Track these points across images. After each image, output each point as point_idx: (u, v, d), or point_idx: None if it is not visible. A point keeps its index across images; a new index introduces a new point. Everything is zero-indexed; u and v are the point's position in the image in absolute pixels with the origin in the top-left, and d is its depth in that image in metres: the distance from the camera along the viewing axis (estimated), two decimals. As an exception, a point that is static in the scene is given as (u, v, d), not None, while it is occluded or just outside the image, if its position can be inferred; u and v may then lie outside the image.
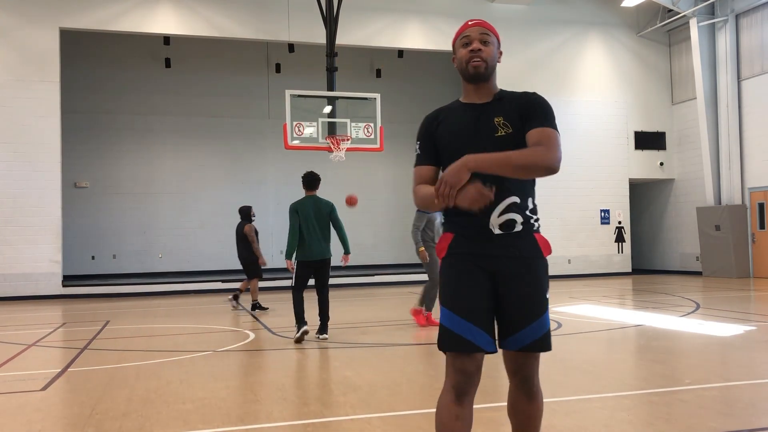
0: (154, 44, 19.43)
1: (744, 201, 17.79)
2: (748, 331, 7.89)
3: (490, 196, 2.44)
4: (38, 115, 15.73)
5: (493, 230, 2.61)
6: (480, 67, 2.68)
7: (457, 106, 2.80)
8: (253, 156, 21.43)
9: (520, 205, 2.65)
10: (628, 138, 20.05)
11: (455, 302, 2.60)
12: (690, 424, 4.06)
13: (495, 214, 2.61)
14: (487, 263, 2.62)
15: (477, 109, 2.72)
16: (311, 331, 8.05)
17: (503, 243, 2.62)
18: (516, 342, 2.64)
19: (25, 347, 7.86)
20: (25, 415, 4.63)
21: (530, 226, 2.67)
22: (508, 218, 2.62)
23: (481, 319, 2.57)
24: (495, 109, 2.70)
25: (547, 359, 6.57)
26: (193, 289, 16.72)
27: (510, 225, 2.62)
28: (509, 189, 2.62)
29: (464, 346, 2.54)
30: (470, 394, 2.58)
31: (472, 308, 2.57)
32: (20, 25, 15.82)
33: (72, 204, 18.87)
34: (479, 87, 2.74)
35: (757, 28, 17.51)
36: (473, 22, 2.80)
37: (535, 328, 2.63)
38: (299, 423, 4.28)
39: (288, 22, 17.23)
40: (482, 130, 2.66)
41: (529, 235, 2.67)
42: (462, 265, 2.64)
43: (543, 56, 19.41)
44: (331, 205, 8.18)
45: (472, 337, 2.54)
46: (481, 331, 2.55)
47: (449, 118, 2.76)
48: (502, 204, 2.61)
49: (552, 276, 14.42)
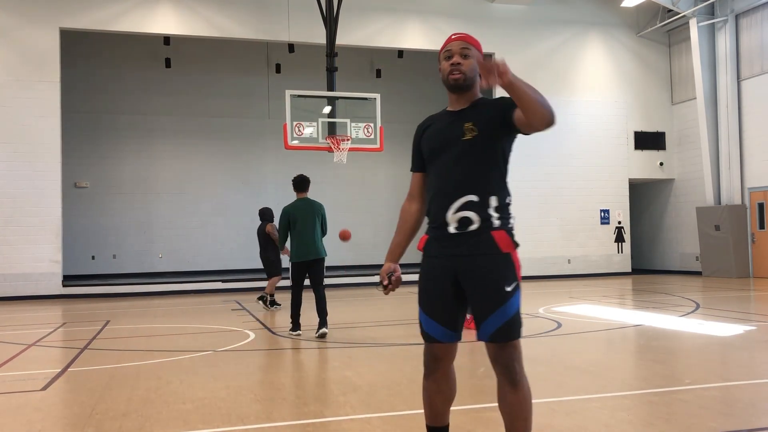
0: (154, 44, 19.43)
1: (744, 201, 17.79)
2: (748, 331, 7.90)
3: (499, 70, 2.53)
4: (38, 115, 15.73)
5: (449, 229, 2.87)
6: (459, 80, 2.94)
7: (442, 114, 3.08)
8: (253, 156, 21.43)
9: (478, 203, 2.85)
10: (627, 138, 20.05)
11: (421, 300, 3.02)
12: (690, 424, 4.07)
13: (450, 211, 2.87)
14: (448, 263, 2.90)
15: (453, 116, 2.99)
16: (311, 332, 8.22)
17: (459, 242, 2.87)
18: (483, 332, 2.86)
19: (25, 347, 7.86)
20: (25, 415, 4.63)
21: (488, 225, 2.85)
22: (463, 216, 2.85)
23: (440, 315, 2.94)
24: (467, 115, 2.94)
25: (548, 359, 6.59)
26: (193, 289, 16.72)
27: (465, 223, 2.85)
28: (467, 187, 2.86)
29: (425, 338, 3.03)
30: (437, 373, 3.03)
31: (432, 306, 2.96)
32: (20, 25, 15.82)
33: (72, 204, 18.86)
34: (460, 96, 2.99)
35: (757, 28, 17.51)
36: (456, 36, 3.01)
37: (497, 317, 2.81)
38: (299, 423, 4.28)
39: (288, 22, 17.23)
40: (452, 135, 2.93)
41: (486, 233, 2.85)
42: (428, 266, 2.99)
43: (543, 56, 19.41)
44: (322, 207, 8.52)
45: (431, 331, 2.97)
46: (439, 325, 2.94)
47: (432, 125, 3.07)
48: (458, 202, 2.86)
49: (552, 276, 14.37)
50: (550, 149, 19.21)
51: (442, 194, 2.91)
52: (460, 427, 3.99)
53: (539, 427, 4.08)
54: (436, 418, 3.12)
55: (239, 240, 21.02)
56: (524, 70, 19.10)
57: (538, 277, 18.60)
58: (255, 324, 9.69)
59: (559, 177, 19.19)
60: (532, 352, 7.15)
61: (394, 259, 3.16)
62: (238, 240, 21.02)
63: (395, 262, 3.14)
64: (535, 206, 18.94)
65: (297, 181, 8.59)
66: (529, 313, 10.01)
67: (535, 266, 18.78)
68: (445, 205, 2.88)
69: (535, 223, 18.81)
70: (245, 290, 16.66)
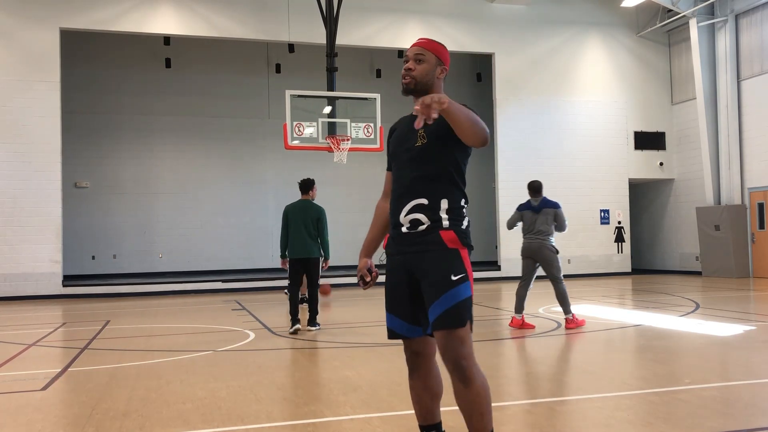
0: (154, 44, 19.44)
1: (744, 201, 17.79)
2: (748, 331, 7.90)
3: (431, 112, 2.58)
4: (38, 115, 15.73)
5: (402, 229, 3.02)
6: (409, 84, 3.04)
7: (408, 117, 3.17)
8: (253, 156, 21.43)
9: (428, 206, 2.97)
10: (627, 138, 20.05)
11: (386, 299, 3.15)
12: (690, 424, 4.07)
13: (402, 214, 3.02)
14: (403, 260, 3.03)
15: (412, 120, 3.05)
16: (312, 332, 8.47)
17: (410, 240, 3.00)
18: (430, 322, 2.92)
19: (25, 347, 7.86)
20: (25, 415, 4.64)
21: (437, 225, 2.97)
22: (413, 218, 2.99)
23: (399, 310, 3.07)
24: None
25: (548, 359, 6.59)
26: (193, 289, 16.72)
27: (415, 224, 2.99)
28: (416, 191, 3.00)
29: (388, 334, 3.15)
30: (421, 369, 3.11)
31: (392, 301, 3.10)
32: (20, 25, 15.82)
33: (72, 204, 18.86)
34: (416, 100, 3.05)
35: (757, 28, 17.52)
36: (416, 42, 3.11)
37: (441, 303, 2.86)
38: (299, 423, 4.28)
39: (288, 22, 17.23)
40: (407, 141, 3.07)
41: (434, 233, 2.97)
42: (389, 264, 3.13)
43: (543, 56, 19.40)
44: (319, 211, 8.79)
45: (393, 326, 3.10)
46: (399, 320, 3.07)
47: (398, 129, 3.22)
48: (409, 205, 3.00)
49: (552, 276, 13.94)
50: (549, 149, 19.21)
51: (396, 196, 3.08)
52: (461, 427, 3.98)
53: (539, 427, 4.08)
54: (426, 416, 3.16)
55: (239, 240, 21.04)
56: (524, 70, 19.12)
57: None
58: (255, 324, 9.69)
59: (558, 177, 19.17)
60: (532, 352, 7.16)
61: (368, 254, 3.31)
62: (238, 240, 21.03)
63: (369, 258, 3.30)
64: (535, 206, 18.94)
65: (299, 184, 9.12)
66: (529, 313, 10.01)
67: (535, 266, 18.77)
68: (399, 207, 3.04)
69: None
70: (245, 290, 16.67)
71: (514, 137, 18.88)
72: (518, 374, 5.66)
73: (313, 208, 8.75)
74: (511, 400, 4.70)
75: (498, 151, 18.85)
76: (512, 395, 4.87)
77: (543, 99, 19.16)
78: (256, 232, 21.24)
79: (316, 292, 8.77)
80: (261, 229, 21.30)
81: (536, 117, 19.09)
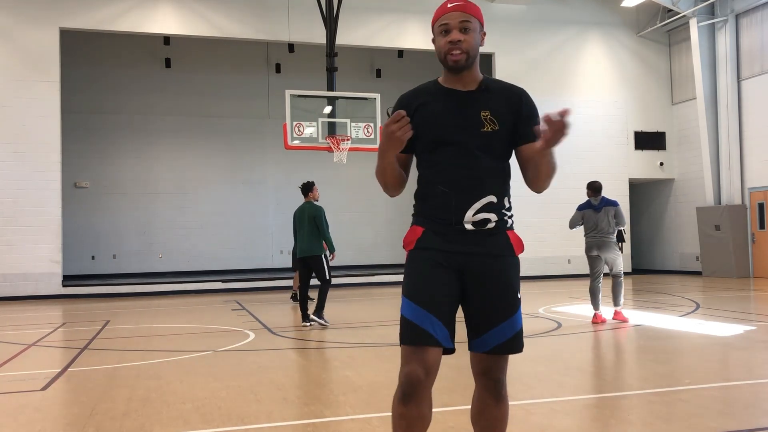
0: (154, 44, 19.44)
1: (744, 201, 17.79)
2: (748, 331, 7.89)
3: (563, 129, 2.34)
4: (38, 115, 15.73)
5: (466, 226, 2.52)
6: (460, 61, 2.53)
7: (439, 90, 2.63)
8: (253, 156, 21.43)
9: (497, 204, 2.56)
10: (627, 138, 20.05)
11: (417, 292, 2.48)
12: (690, 424, 4.06)
13: (471, 212, 2.52)
14: (455, 260, 2.51)
15: (462, 98, 2.58)
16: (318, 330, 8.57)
17: (474, 240, 2.53)
18: (484, 344, 2.53)
19: (25, 347, 7.86)
20: (25, 415, 4.63)
21: (504, 224, 2.58)
22: (483, 217, 2.53)
23: (442, 312, 2.45)
24: (481, 101, 2.58)
25: (548, 359, 6.59)
26: (193, 289, 16.72)
27: (483, 224, 2.53)
28: (488, 188, 2.54)
29: (424, 338, 2.41)
30: (418, 395, 2.41)
31: (434, 300, 2.45)
32: (20, 25, 15.82)
33: (72, 204, 18.86)
34: (461, 76, 2.59)
35: (757, 28, 17.51)
36: (453, 5, 2.56)
37: (504, 329, 2.52)
38: (299, 423, 4.27)
39: (288, 22, 17.22)
40: (468, 122, 2.55)
41: (502, 233, 2.58)
42: (428, 257, 2.52)
43: (543, 56, 19.40)
44: (316, 211, 9.15)
45: (432, 330, 2.42)
46: (441, 324, 2.43)
47: (431, 103, 2.60)
48: (479, 203, 2.52)
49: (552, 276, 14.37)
50: (550, 149, 19.19)
51: (459, 190, 2.52)
52: (461, 428, 3.98)
53: (539, 427, 4.08)
54: None
55: (239, 240, 21.03)
56: (524, 70, 19.11)
57: (538, 277, 18.59)
58: (255, 324, 9.69)
59: (559, 177, 18.91)
60: (532, 352, 7.14)
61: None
62: (238, 240, 21.03)
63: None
64: (536, 206, 18.92)
65: (300, 188, 9.62)
66: (529, 313, 10.01)
67: (535, 266, 18.78)
68: (465, 204, 2.52)
69: (536, 223, 18.80)
70: (245, 290, 16.66)
71: (514, 137, 18.85)
72: (518, 374, 5.66)
73: (311, 208, 9.19)
74: (511, 400, 4.67)
75: (498, 151, 18.83)
76: (513, 395, 4.86)
77: (543, 99, 19.03)
78: (256, 232, 21.23)
79: (325, 287, 9.10)
80: (261, 229, 21.30)
81: (536, 117, 19.04)
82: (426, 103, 2.61)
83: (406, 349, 2.46)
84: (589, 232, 8.99)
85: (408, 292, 2.51)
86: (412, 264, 2.57)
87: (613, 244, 8.92)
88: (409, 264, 2.59)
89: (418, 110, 2.59)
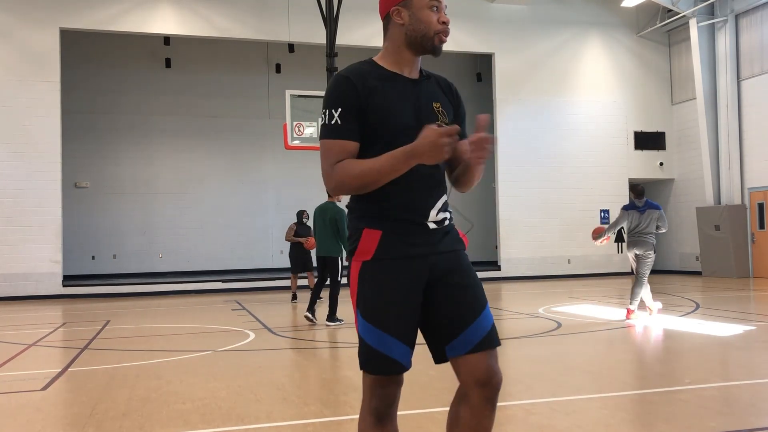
0: (154, 44, 19.43)
1: (744, 201, 17.79)
2: (748, 331, 7.90)
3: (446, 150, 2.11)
4: (38, 115, 15.73)
5: (429, 225, 2.34)
6: (443, 43, 2.38)
7: (385, 75, 2.35)
8: (253, 156, 21.42)
9: (447, 202, 2.42)
10: (627, 138, 20.05)
11: (379, 315, 2.27)
12: (690, 424, 4.06)
13: (434, 212, 2.34)
14: (418, 265, 2.31)
15: (412, 86, 2.37)
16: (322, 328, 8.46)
17: (436, 238, 2.35)
18: (467, 342, 2.29)
19: (25, 347, 7.86)
20: (25, 415, 4.63)
21: (452, 222, 2.45)
22: (442, 216, 2.38)
23: (407, 333, 2.28)
24: (430, 91, 2.40)
25: (548, 359, 6.58)
26: (193, 289, 16.72)
27: (442, 222, 2.38)
28: (443, 185, 2.41)
29: (391, 367, 2.27)
30: (392, 413, 2.36)
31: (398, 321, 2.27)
32: (20, 25, 15.82)
33: (72, 204, 18.86)
34: (418, 60, 2.40)
35: (757, 28, 17.51)
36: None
37: (482, 322, 2.32)
38: (299, 423, 4.27)
39: (288, 22, 17.23)
40: (424, 114, 2.33)
41: (453, 230, 2.44)
42: (389, 271, 2.29)
43: (543, 56, 19.40)
44: (338, 213, 9.16)
45: (400, 356, 2.27)
46: (405, 345, 2.28)
47: (383, 88, 2.31)
48: (440, 202, 2.37)
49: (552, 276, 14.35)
50: (550, 149, 19.21)
51: (420, 186, 2.32)
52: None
53: (539, 427, 4.08)
54: None
55: (239, 240, 21.02)
56: (524, 70, 19.12)
57: (538, 277, 18.60)
58: (255, 324, 9.70)
59: (559, 177, 19.19)
60: (532, 352, 7.15)
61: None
62: (238, 240, 21.02)
63: None
64: (535, 206, 18.95)
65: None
66: (529, 313, 10.01)
67: (535, 266, 18.78)
68: (429, 201, 2.34)
69: (536, 223, 18.81)
70: (245, 290, 16.66)
71: (514, 137, 18.88)
72: (518, 374, 5.65)
73: (333, 209, 9.20)
74: (511, 400, 4.69)
75: (498, 151, 18.84)
76: (512, 395, 4.87)
77: (543, 99, 19.16)
78: (256, 232, 21.23)
79: (336, 289, 9.21)
80: (261, 229, 21.29)
81: (536, 117, 19.08)
82: (376, 87, 2.31)
83: (372, 378, 2.32)
84: (632, 232, 9.34)
85: (368, 315, 2.29)
86: (371, 280, 2.31)
87: (650, 245, 9.21)
88: (365, 279, 2.32)
89: (372, 95, 2.29)
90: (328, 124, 2.29)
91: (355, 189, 2.29)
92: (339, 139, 2.27)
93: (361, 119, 2.27)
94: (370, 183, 2.24)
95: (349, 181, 2.25)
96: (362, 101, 2.27)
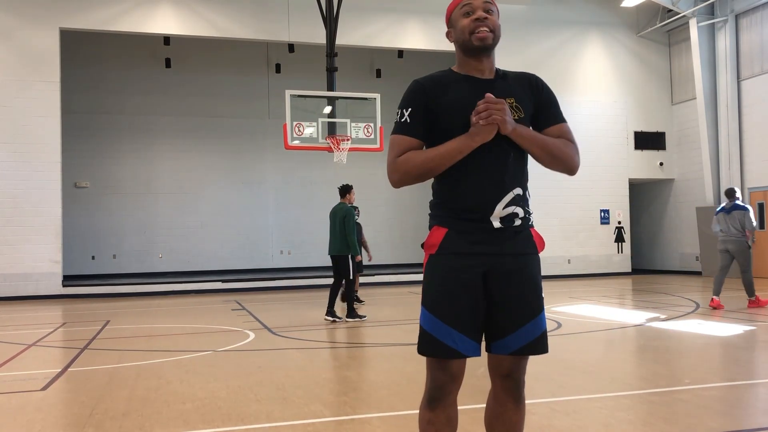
0: (154, 44, 19.43)
1: (744, 201, 17.78)
2: (748, 331, 7.90)
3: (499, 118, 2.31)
4: (38, 115, 15.73)
5: (494, 224, 2.41)
6: (487, 39, 2.47)
7: (458, 78, 2.52)
8: (253, 156, 21.43)
9: (523, 197, 2.49)
10: (627, 138, 20.05)
11: (438, 306, 2.40)
12: (690, 424, 4.07)
13: (500, 206, 2.41)
14: (480, 261, 2.40)
15: (484, 86, 2.47)
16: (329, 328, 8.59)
17: (501, 239, 2.42)
18: (507, 345, 2.44)
19: (25, 347, 7.86)
20: (25, 415, 4.63)
21: (527, 221, 2.52)
22: (511, 211, 2.44)
23: (465, 325, 2.38)
24: (503, 88, 2.51)
25: (547, 359, 6.57)
26: (193, 289, 16.72)
27: (511, 219, 2.44)
28: (516, 178, 2.47)
29: (444, 352, 2.39)
30: (445, 399, 2.46)
31: (456, 313, 2.38)
32: (20, 25, 15.82)
33: (72, 204, 18.86)
34: (482, 61, 2.52)
35: (757, 28, 17.52)
36: None
37: (529, 330, 2.44)
38: (299, 423, 4.27)
39: (288, 22, 17.23)
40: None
41: (526, 230, 2.50)
42: (452, 266, 2.41)
43: (543, 56, 19.40)
44: (345, 212, 9.42)
45: (453, 343, 2.37)
46: (464, 336, 2.38)
47: (452, 91, 2.47)
48: (509, 195, 2.43)
49: (552, 276, 14.38)
50: (550, 149, 19.20)
51: (488, 183, 2.42)
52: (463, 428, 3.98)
53: (539, 427, 4.08)
54: None
55: (239, 240, 21.03)
56: (524, 70, 19.03)
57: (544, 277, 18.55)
58: (255, 324, 9.70)
59: (558, 177, 19.12)
60: (532, 352, 7.14)
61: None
62: (238, 240, 21.03)
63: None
64: (535, 206, 18.70)
65: (339, 188, 9.97)
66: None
67: (535, 266, 18.76)
68: (495, 197, 2.41)
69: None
70: (245, 290, 16.66)
71: (514, 137, 18.85)
72: (518, 374, 5.65)
73: (342, 210, 9.47)
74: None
75: (498, 151, 18.83)
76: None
77: (543, 99, 19.13)
78: (256, 232, 21.23)
79: (350, 288, 9.61)
80: (261, 229, 21.30)
81: (536, 117, 19.05)
82: (447, 89, 2.48)
83: (430, 361, 2.47)
84: (721, 232, 10.27)
85: (428, 304, 2.44)
86: (433, 272, 2.45)
87: (739, 243, 9.96)
88: (429, 271, 2.47)
89: (441, 97, 2.47)
90: (398, 121, 2.50)
91: (417, 176, 2.45)
92: (406, 135, 2.47)
93: (431, 119, 2.46)
94: (433, 168, 2.42)
95: (410, 169, 2.43)
96: (432, 103, 2.47)
